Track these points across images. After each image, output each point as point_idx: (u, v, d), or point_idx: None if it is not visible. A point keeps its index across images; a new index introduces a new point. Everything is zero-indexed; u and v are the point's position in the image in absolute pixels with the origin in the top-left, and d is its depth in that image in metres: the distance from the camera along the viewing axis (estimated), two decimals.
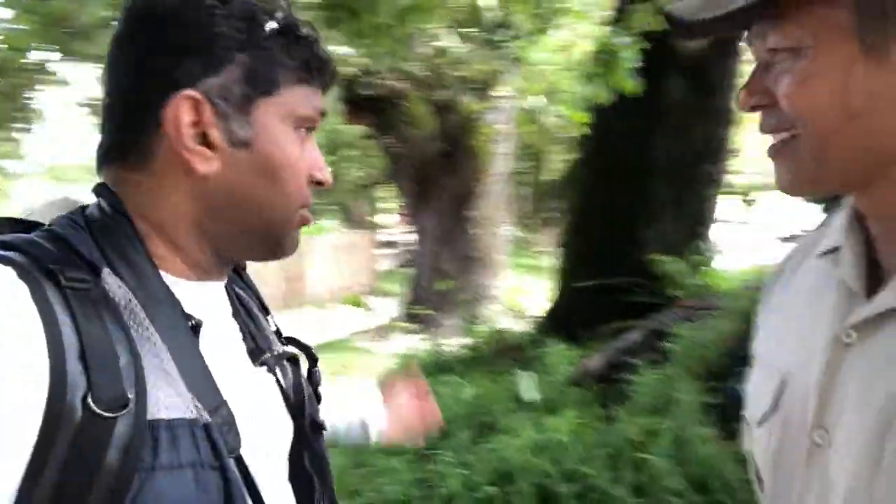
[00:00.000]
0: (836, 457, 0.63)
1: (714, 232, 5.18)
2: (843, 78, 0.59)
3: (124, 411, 0.53)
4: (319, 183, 0.71)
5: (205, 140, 0.64)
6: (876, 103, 0.59)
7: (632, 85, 4.11)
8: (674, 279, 4.40)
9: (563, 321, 4.53)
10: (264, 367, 0.74)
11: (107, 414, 0.53)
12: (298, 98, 0.68)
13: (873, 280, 0.66)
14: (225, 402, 0.61)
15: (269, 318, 0.81)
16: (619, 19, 4.35)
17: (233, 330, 0.73)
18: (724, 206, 6.72)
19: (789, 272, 0.81)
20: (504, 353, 4.50)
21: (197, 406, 0.59)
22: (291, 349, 0.81)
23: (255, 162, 0.66)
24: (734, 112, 5.03)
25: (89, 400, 0.53)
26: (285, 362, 0.77)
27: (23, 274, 0.55)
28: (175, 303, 0.63)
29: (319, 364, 0.85)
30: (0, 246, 0.58)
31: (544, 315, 5.22)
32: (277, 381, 0.75)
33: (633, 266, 4.39)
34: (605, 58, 4.29)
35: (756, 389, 0.78)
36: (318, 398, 0.81)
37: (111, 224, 0.63)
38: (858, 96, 0.59)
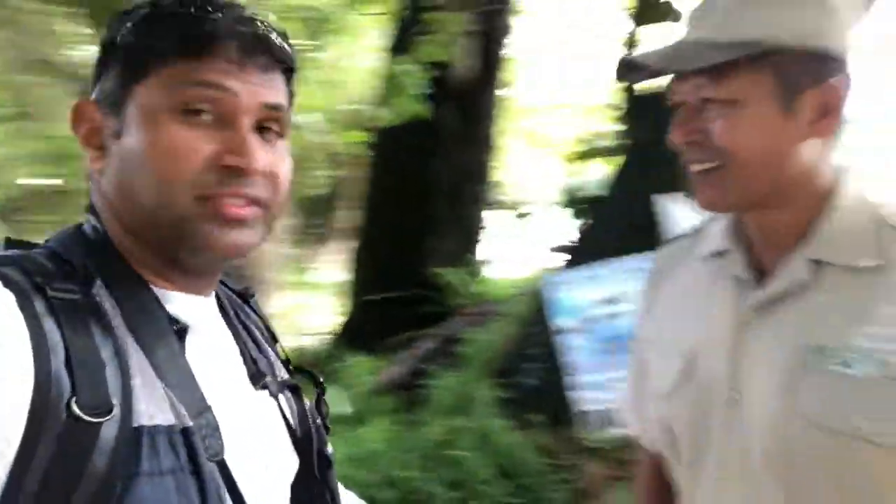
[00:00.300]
0: (750, 407, 0.81)
1: (489, 244, 5.74)
2: (766, 127, 0.78)
3: (109, 417, 0.54)
4: (235, 169, 0.63)
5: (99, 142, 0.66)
6: (785, 147, 0.79)
7: (416, 110, 4.38)
8: (455, 289, 4.78)
9: (358, 334, 4.65)
10: (266, 392, 0.72)
11: (91, 419, 0.53)
12: (172, 76, 0.63)
13: (757, 274, 0.86)
14: (209, 407, 0.61)
15: (277, 346, 0.81)
16: (402, 47, 4.62)
17: (229, 347, 0.71)
18: (498, 222, 7.43)
19: (669, 272, 0.99)
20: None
21: (178, 411, 0.59)
22: (293, 378, 0.79)
23: (127, 150, 0.64)
24: (495, 139, 5.65)
25: (73, 404, 0.53)
26: (287, 390, 0.76)
27: (8, 283, 0.56)
28: (159, 309, 0.64)
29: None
30: None
31: (338, 329, 5.29)
32: (280, 407, 0.74)
33: (420, 278, 4.68)
34: (392, 82, 4.52)
35: (659, 368, 0.93)
36: (326, 429, 0.79)
37: (98, 239, 0.65)
38: (775, 142, 0.79)
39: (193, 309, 0.67)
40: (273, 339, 0.81)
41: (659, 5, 3.72)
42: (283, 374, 0.78)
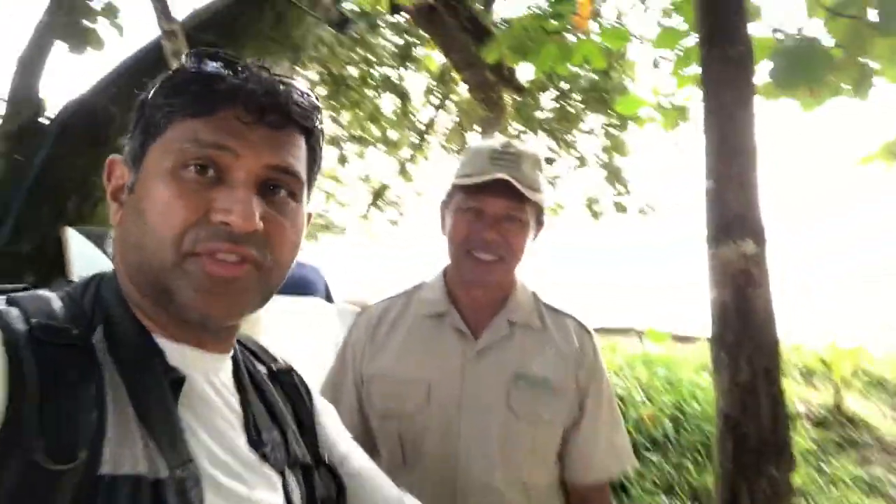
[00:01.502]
0: (482, 414, 1.21)
1: None
2: (529, 240, 1.26)
3: (70, 466, 0.52)
4: (225, 226, 0.61)
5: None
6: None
7: None
8: None
9: None
10: (267, 464, 0.68)
11: (51, 466, 0.51)
12: (181, 135, 0.63)
13: (470, 329, 1.27)
14: (191, 459, 0.59)
15: (310, 426, 0.78)
16: None
17: (231, 408, 0.68)
18: None
19: (393, 325, 1.33)
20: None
21: (154, 462, 0.56)
22: (307, 459, 0.74)
23: (132, 204, 0.64)
24: None
25: (36, 450, 0.51)
26: (299, 470, 0.72)
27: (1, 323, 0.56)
28: (156, 359, 0.62)
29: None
30: (6, 300, 0.60)
31: None
32: (285, 486, 0.69)
33: None
34: None
35: (397, 394, 1.25)
36: None
37: (109, 287, 0.66)
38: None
39: (195, 362, 0.66)
40: (299, 422, 0.78)
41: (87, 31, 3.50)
42: (303, 456, 0.74)
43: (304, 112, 0.67)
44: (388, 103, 6.58)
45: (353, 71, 6.15)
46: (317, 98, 0.69)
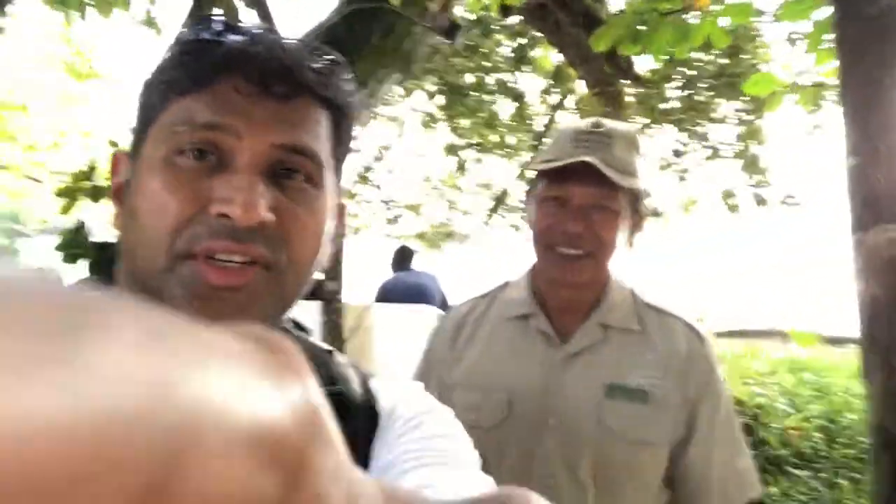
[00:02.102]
0: (569, 431, 1.09)
1: None
2: (622, 230, 1.11)
3: None
4: (225, 219, 0.51)
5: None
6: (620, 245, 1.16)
7: None
8: None
9: None
10: None
11: None
12: (175, 115, 0.54)
13: (558, 333, 1.16)
14: None
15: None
16: None
17: None
18: None
19: (474, 328, 1.21)
20: None
21: None
22: None
23: (127, 204, 0.57)
24: None
25: None
26: None
27: None
28: None
29: None
30: None
31: None
32: None
33: None
34: None
35: (479, 405, 1.13)
36: None
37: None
38: (620, 241, 1.13)
39: None
40: None
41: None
42: None
43: (321, 78, 0.55)
44: (504, 108, 6.52)
45: (469, 78, 6.15)
46: (338, 62, 0.57)
